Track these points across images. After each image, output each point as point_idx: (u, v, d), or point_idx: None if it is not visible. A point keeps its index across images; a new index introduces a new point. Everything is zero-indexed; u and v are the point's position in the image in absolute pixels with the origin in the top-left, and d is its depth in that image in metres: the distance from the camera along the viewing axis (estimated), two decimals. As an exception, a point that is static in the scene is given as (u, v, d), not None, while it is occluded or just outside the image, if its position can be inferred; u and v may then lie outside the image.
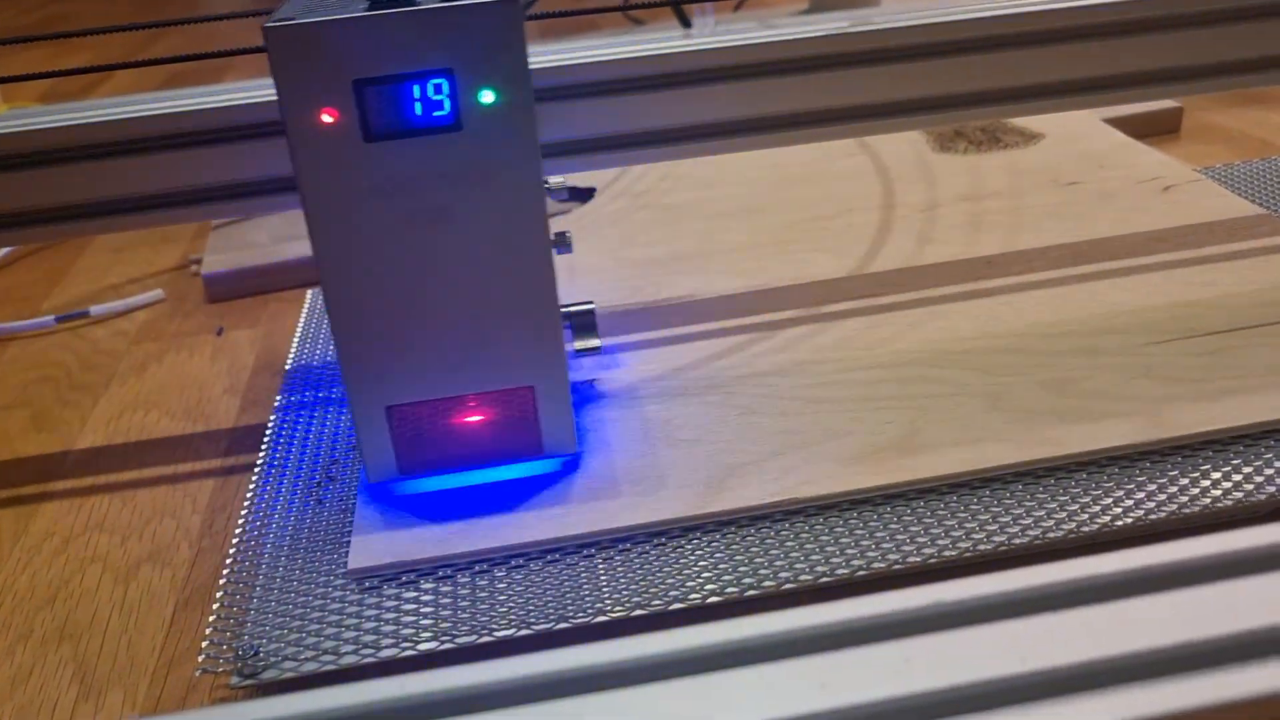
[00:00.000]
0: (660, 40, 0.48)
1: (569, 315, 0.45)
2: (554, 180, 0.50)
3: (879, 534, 0.38)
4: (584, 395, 0.47)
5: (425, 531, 0.40)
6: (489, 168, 0.36)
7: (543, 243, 0.38)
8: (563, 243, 0.43)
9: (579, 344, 0.45)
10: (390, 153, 0.36)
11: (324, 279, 0.37)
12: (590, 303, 0.45)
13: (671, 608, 0.36)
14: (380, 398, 0.39)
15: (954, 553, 0.37)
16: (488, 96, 0.35)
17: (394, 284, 0.38)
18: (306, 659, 0.35)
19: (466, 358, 0.39)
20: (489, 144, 0.36)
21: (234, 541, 0.41)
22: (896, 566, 0.37)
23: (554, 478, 0.42)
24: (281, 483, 0.44)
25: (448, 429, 0.40)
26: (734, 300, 0.55)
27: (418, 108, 0.35)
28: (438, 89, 0.35)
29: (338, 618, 0.37)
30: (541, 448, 0.41)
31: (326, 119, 0.35)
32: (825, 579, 0.37)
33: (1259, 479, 0.39)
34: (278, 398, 0.51)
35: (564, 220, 0.67)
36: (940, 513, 0.39)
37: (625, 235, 0.63)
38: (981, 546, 0.37)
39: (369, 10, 0.34)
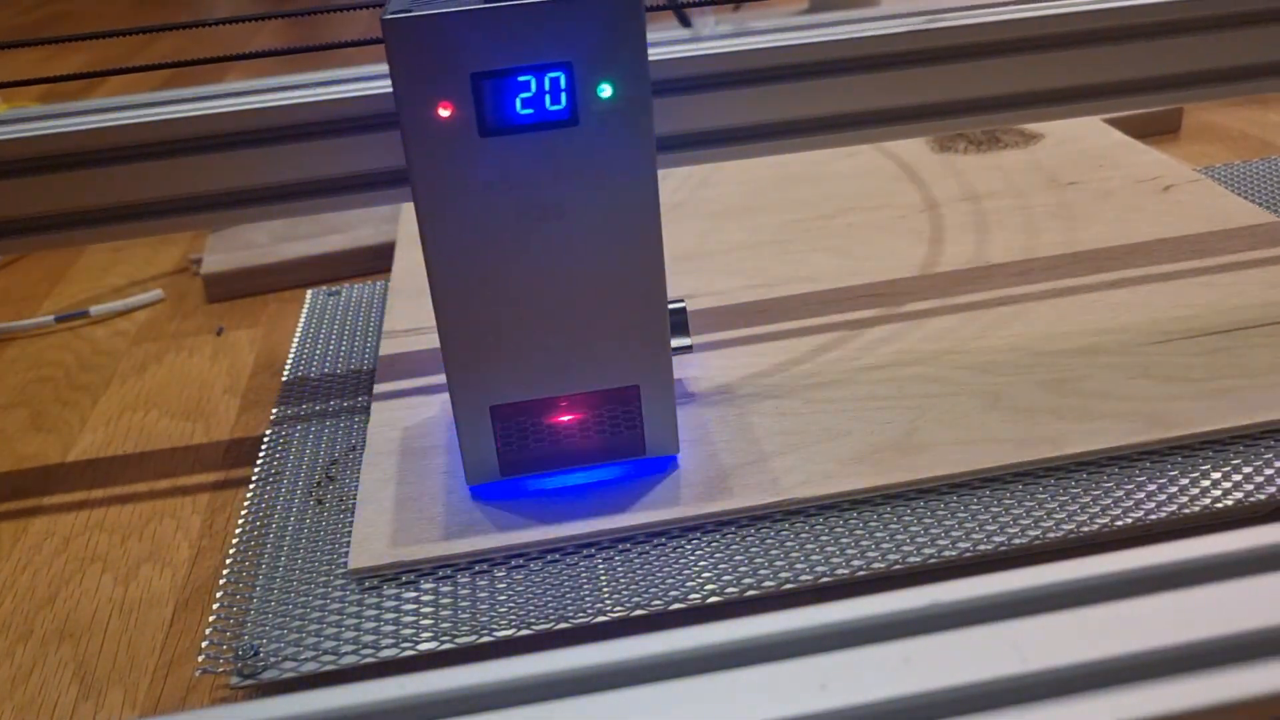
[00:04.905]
0: (669, 41, 0.48)
1: None
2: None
3: (878, 534, 0.38)
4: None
5: (425, 531, 0.40)
6: (604, 163, 0.35)
7: (656, 240, 0.37)
8: None
9: (672, 343, 0.44)
10: (505, 147, 0.35)
11: (432, 275, 0.36)
12: (681, 301, 0.44)
13: (671, 608, 0.36)
14: (485, 398, 0.39)
15: (953, 553, 0.37)
16: (606, 91, 0.34)
17: (503, 281, 0.37)
18: (306, 659, 0.35)
19: (573, 356, 0.38)
20: (605, 139, 0.35)
21: (234, 541, 0.41)
22: (896, 567, 0.37)
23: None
24: (281, 482, 0.44)
25: (551, 429, 0.40)
26: (729, 300, 0.55)
27: (534, 102, 0.34)
28: (555, 83, 0.34)
29: (338, 618, 0.37)
30: (644, 448, 0.41)
31: (443, 113, 0.34)
32: (825, 579, 0.37)
33: (1259, 479, 0.39)
34: (278, 398, 0.51)
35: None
36: (940, 513, 0.39)
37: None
38: (981, 547, 0.37)
39: (487, 2, 0.33)
